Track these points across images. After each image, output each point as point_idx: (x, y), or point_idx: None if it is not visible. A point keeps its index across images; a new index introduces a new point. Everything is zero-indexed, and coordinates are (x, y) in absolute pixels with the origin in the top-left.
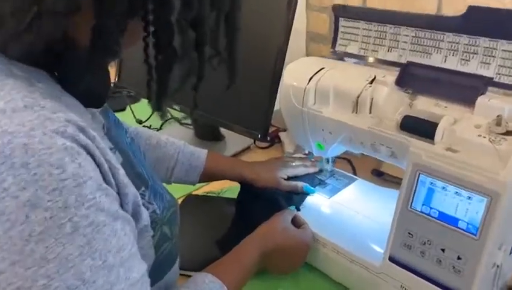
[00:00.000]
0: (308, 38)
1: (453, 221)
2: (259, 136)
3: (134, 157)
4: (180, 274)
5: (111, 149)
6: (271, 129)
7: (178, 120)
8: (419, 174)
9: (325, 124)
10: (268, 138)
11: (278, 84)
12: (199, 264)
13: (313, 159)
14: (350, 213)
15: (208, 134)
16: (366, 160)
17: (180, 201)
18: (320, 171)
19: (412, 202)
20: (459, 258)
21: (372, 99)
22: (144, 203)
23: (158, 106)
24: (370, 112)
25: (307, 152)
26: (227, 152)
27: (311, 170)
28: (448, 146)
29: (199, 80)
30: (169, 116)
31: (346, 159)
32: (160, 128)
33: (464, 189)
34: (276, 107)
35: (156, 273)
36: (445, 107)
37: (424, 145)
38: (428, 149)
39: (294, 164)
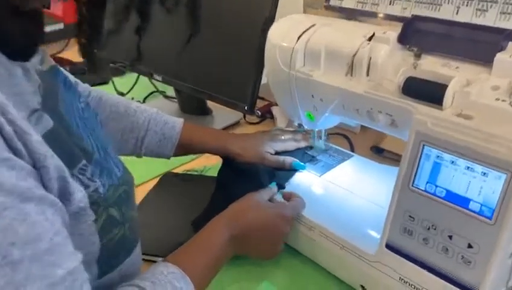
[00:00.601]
0: (305, 5)
1: (463, 202)
2: (245, 108)
3: (81, 126)
4: (153, 261)
5: (35, 111)
6: (263, 103)
7: (163, 93)
8: (424, 145)
9: (316, 90)
10: (260, 113)
11: None
12: (172, 250)
13: (304, 132)
14: (343, 193)
15: (193, 108)
16: (365, 136)
17: (157, 179)
18: (311, 147)
19: (414, 179)
20: (469, 246)
21: (370, 59)
22: (82, 180)
23: (87, 51)
24: (367, 75)
25: (296, 124)
26: (214, 127)
27: (303, 144)
28: (460, 112)
29: (143, 21)
30: (155, 89)
31: (343, 135)
32: (144, 102)
33: (478, 163)
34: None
35: (106, 263)
36: (457, 68)
37: (430, 111)
38: (435, 115)
39: (283, 137)
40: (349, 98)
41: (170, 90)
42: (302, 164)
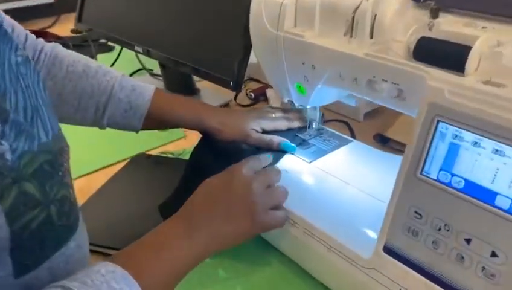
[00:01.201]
0: None
1: (487, 196)
2: (231, 83)
3: (9, 80)
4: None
5: None
6: (257, 85)
7: (150, 71)
8: (438, 121)
9: (308, 54)
10: (253, 95)
11: None
12: (130, 241)
13: (299, 111)
14: (335, 183)
15: (180, 87)
16: (370, 124)
17: (126, 161)
18: (301, 128)
19: (423, 165)
20: (493, 255)
21: (375, 17)
22: None
23: None
24: (371, 36)
25: (286, 101)
26: None
27: (296, 124)
28: (488, 79)
29: None
30: (141, 67)
31: (344, 122)
32: None
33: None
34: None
35: (24, 256)
36: (483, 28)
37: (448, 77)
38: (455, 82)
39: (274, 115)
40: (347, 63)
41: (158, 69)
42: (292, 145)
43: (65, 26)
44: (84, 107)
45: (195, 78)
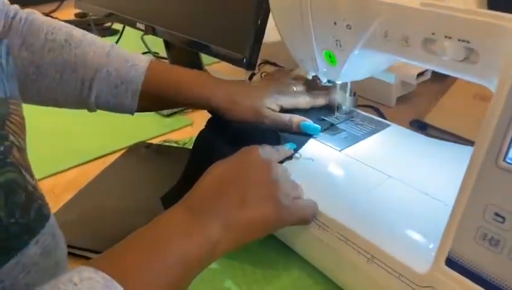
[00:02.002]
0: None
1: None
2: (244, 60)
3: None
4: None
5: None
6: (272, 69)
7: (155, 54)
8: None
9: (341, 11)
10: None
11: None
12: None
13: (327, 87)
14: (374, 176)
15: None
16: (403, 110)
17: (123, 151)
18: (328, 109)
19: (508, 149)
20: None
21: None
22: None
23: None
24: None
25: (311, 77)
26: None
27: (321, 102)
28: None
29: None
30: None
31: (372, 108)
32: None
33: None
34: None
35: None
36: None
37: None
38: None
39: (295, 89)
40: (395, 18)
41: (164, 52)
42: (316, 126)
43: (68, 11)
44: (67, 82)
45: (204, 60)
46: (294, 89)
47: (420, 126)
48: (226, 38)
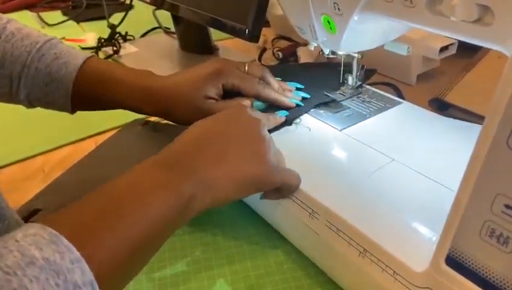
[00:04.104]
0: None
1: None
2: (246, 31)
3: None
4: None
5: None
6: (286, 44)
7: (167, 29)
8: None
9: None
10: (280, 55)
11: None
12: None
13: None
14: (375, 159)
15: (195, 44)
16: (423, 88)
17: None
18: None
19: None
20: None
21: None
22: None
23: None
24: None
25: (312, 48)
26: None
27: (271, 95)
28: None
29: None
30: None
31: (391, 85)
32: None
33: None
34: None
35: None
36: None
37: None
38: None
39: (246, 68)
40: None
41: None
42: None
43: None
44: None
45: (214, 36)
46: (246, 68)
47: (440, 106)
48: (230, 9)
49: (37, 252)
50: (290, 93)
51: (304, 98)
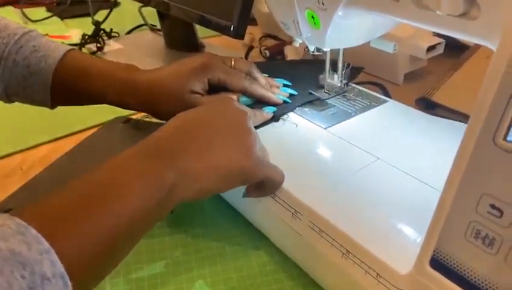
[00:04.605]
0: None
1: None
2: (232, 28)
3: None
4: None
5: None
6: (273, 42)
7: (153, 26)
8: None
9: None
10: (268, 53)
11: None
12: None
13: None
14: (359, 158)
15: (181, 41)
16: (410, 87)
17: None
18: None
19: (510, 125)
20: None
21: None
22: None
23: None
24: None
25: (297, 44)
26: None
27: (258, 90)
28: None
29: None
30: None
31: (377, 84)
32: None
33: None
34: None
35: None
36: None
37: None
38: None
39: (233, 63)
40: None
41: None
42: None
43: None
44: None
45: (201, 34)
46: (233, 63)
47: (427, 105)
48: (215, 6)
49: (2, 242)
50: (277, 90)
51: (291, 95)
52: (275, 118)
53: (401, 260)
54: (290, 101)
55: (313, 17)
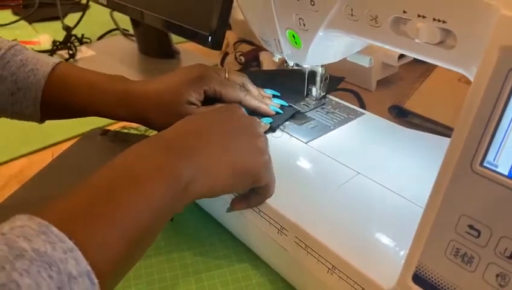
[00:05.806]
0: None
1: None
2: (209, 39)
3: None
4: None
5: None
6: (249, 48)
7: (125, 31)
8: None
9: None
10: (243, 59)
11: None
12: None
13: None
14: (340, 172)
15: (155, 48)
16: (383, 94)
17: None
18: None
19: (486, 152)
20: None
21: None
22: None
23: None
24: None
25: (277, 59)
26: None
27: (252, 102)
28: None
29: None
30: (115, 27)
31: (352, 92)
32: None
33: None
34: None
35: None
36: None
37: None
38: None
39: (226, 75)
40: None
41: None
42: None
43: None
44: None
45: (175, 39)
46: (227, 74)
47: (400, 113)
48: (191, 15)
49: (26, 243)
50: (269, 101)
51: (282, 106)
52: (272, 129)
53: (385, 275)
54: (282, 112)
55: (293, 36)
